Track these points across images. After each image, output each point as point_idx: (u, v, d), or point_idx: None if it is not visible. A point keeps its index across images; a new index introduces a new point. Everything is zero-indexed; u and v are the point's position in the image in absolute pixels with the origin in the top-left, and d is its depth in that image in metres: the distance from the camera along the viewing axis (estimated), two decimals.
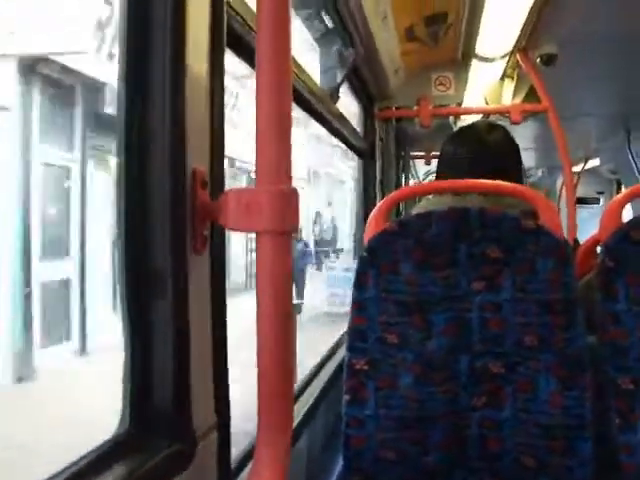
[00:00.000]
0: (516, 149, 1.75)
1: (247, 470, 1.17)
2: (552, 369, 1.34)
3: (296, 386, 1.87)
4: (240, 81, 10.26)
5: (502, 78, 3.17)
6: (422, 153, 5.21)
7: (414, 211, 1.70)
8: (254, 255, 0.75)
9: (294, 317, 0.79)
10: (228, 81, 0.97)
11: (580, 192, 5.95)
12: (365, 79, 2.64)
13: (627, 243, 1.38)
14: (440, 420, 1.38)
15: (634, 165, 4.99)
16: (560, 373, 1.34)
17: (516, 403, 1.35)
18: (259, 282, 0.74)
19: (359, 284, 1.42)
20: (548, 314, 1.35)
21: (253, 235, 0.75)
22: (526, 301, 1.37)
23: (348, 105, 2.78)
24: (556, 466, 1.32)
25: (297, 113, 1.77)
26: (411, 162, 5.62)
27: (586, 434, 1.32)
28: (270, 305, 0.74)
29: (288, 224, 0.74)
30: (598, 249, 1.76)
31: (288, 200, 0.74)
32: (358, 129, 2.80)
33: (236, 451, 1.15)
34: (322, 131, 2.38)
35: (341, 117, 2.22)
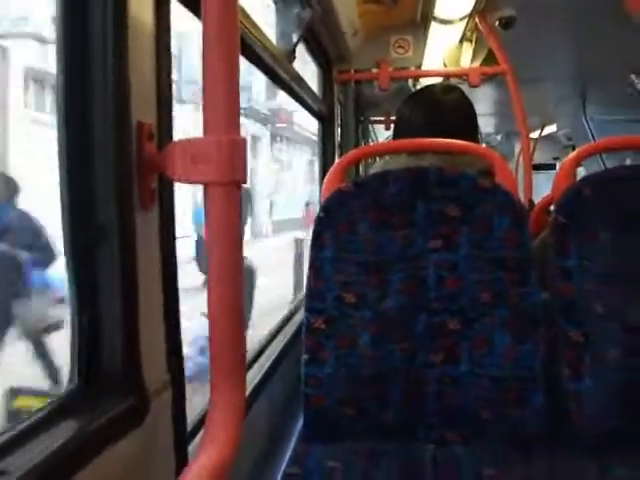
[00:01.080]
0: (472, 111, 1.76)
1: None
2: (507, 324, 1.37)
3: (254, 347, 1.87)
4: None
5: (461, 41, 3.16)
6: (382, 118, 5.20)
7: (371, 171, 1.70)
8: None
9: (243, 268, 0.77)
10: None
11: (537, 158, 6.04)
12: (322, 41, 2.60)
13: (579, 200, 1.40)
14: (399, 377, 1.40)
15: (588, 131, 5.08)
16: (514, 328, 1.37)
17: (472, 358, 1.38)
18: (208, 234, 0.72)
19: (316, 244, 1.41)
20: (503, 271, 1.38)
21: None
22: (482, 259, 1.38)
23: (305, 69, 2.74)
24: (510, 417, 1.36)
25: None
26: (371, 127, 5.61)
27: (537, 385, 1.35)
28: (220, 257, 0.72)
29: (237, 174, 0.72)
30: (552, 208, 1.80)
31: (237, 150, 0.72)
32: (317, 92, 2.76)
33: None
34: None
35: (299, 79, 2.19)
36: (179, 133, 0.86)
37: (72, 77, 0.76)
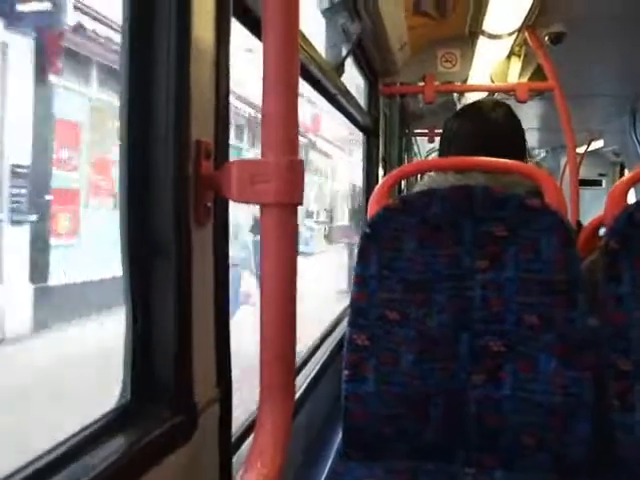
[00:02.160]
0: (520, 127, 1.74)
1: (248, 442, 1.17)
2: (552, 349, 1.34)
3: (298, 359, 1.88)
4: None
5: (509, 56, 3.12)
6: (425, 130, 5.17)
7: (416, 188, 1.69)
8: None
9: (297, 291, 0.77)
10: None
11: (582, 173, 5.92)
12: (370, 54, 2.61)
13: (632, 225, 1.37)
14: (440, 397, 1.38)
15: (638, 148, 4.96)
16: (560, 353, 1.34)
17: (515, 382, 1.35)
18: (263, 256, 0.73)
19: (361, 260, 1.41)
20: (550, 294, 1.35)
21: None
22: (529, 280, 1.36)
23: (350, 80, 2.74)
24: (554, 444, 1.33)
25: None
26: (414, 139, 5.59)
27: (585, 413, 1.32)
28: (274, 279, 0.73)
29: (294, 196, 0.72)
30: (601, 231, 1.76)
31: (294, 171, 0.72)
32: (362, 105, 2.77)
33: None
34: None
35: (346, 92, 2.19)
36: None
37: (135, 94, 0.78)
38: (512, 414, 1.35)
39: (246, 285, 7.52)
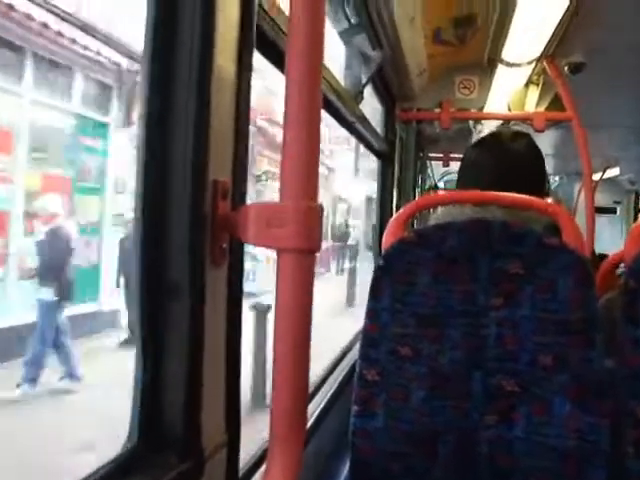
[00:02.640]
0: (541, 159, 1.72)
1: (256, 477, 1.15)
2: (567, 391, 1.31)
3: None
4: None
5: (527, 84, 3.12)
6: (440, 155, 5.16)
7: (432, 220, 1.67)
8: None
9: (310, 337, 0.75)
10: None
11: (597, 201, 5.88)
12: (389, 80, 2.60)
13: None
14: (450, 436, 1.35)
15: None
16: (576, 395, 1.30)
17: (529, 424, 1.32)
18: (278, 301, 0.71)
19: (374, 292, 1.39)
20: (566, 334, 1.32)
21: None
22: (544, 320, 1.33)
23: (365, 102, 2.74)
24: None
25: None
26: (428, 163, 5.58)
27: (600, 461, 1.28)
28: (288, 325, 0.71)
29: (312, 242, 0.71)
30: (621, 267, 1.73)
31: (313, 217, 0.71)
32: (378, 130, 2.76)
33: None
34: None
35: (363, 119, 2.19)
36: None
37: (154, 132, 0.77)
38: (524, 457, 1.32)
39: None
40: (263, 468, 0.76)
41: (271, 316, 0.73)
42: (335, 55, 2.23)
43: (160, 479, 0.70)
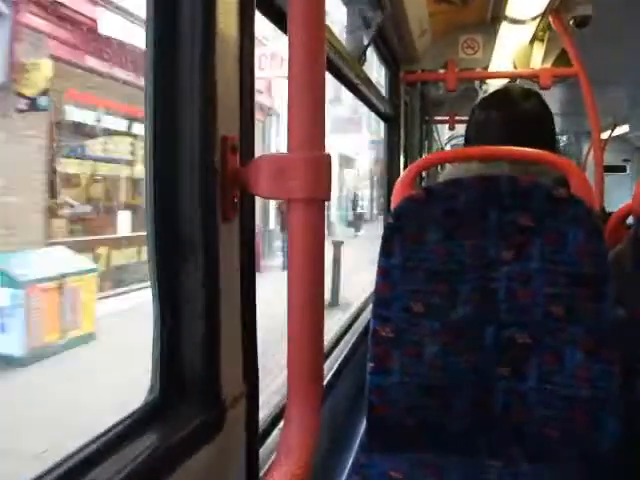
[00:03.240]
0: (551, 117, 1.70)
1: (273, 436, 1.17)
2: (579, 341, 1.32)
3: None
4: None
5: (532, 41, 3.07)
6: (445, 117, 5.12)
7: (441, 178, 1.67)
8: None
9: (324, 281, 0.77)
10: None
11: (606, 159, 5.82)
12: (391, 41, 2.58)
13: None
14: (464, 389, 1.37)
15: None
16: (587, 345, 1.32)
17: (541, 374, 1.34)
18: (291, 251, 0.72)
19: (385, 251, 1.40)
20: (577, 285, 1.33)
21: None
22: (555, 272, 1.34)
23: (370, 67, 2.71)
24: (580, 439, 1.32)
25: None
26: (434, 126, 5.54)
27: (612, 408, 1.30)
28: (302, 274, 0.72)
29: (322, 191, 0.71)
30: (629, 219, 1.72)
31: (322, 166, 0.71)
32: (383, 93, 2.74)
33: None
34: None
35: (368, 81, 2.17)
36: None
37: (161, 91, 0.77)
38: (538, 407, 1.34)
39: None
40: (282, 424, 0.78)
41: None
42: (337, 19, 2.21)
43: (183, 429, 0.72)
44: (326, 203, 0.75)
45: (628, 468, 1.30)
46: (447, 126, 5.27)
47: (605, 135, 5.77)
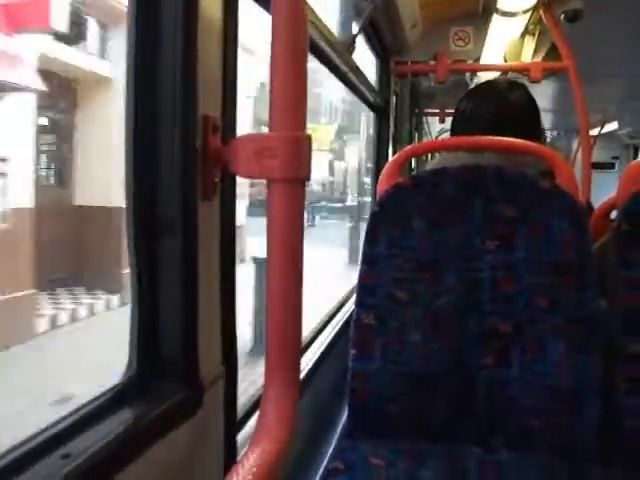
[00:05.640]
0: (537, 110, 1.70)
1: (253, 419, 1.17)
2: (561, 331, 1.33)
3: (304, 337, 1.88)
4: None
5: (523, 35, 3.07)
6: (436, 110, 5.12)
7: (428, 167, 1.67)
8: None
9: (303, 263, 0.77)
10: None
11: (595, 156, 5.85)
12: (382, 32, 2.57)
13: None
14: (447, 377, 1.38)
15: None
16: (569, 335, 1.33)
17: (524, 363, 1.35)
18: (270, 230, 0.72)
19: (370, 239, 1.40)
20: (560, 276, 1.34)
21: None
22: (539, 262, 1.35)
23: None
24: (561, 427, 1.33)
25: None
26: (424, 119, 5.54)
27: (592, 397, 1.31)
28: (281, 254, 0.72)
29: (302, 171, 0.71)
30: (613, 214, 1.73)
31: (302, 146, 0.71)
32: (373, 83, 2.74)
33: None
34: None
35: (357, 70, 2.16)
36: None
37: (142, 70, 0.77)
38: (520, 396, 1.35)
39: None
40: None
41: None
42: (326, 7, 2.20)
43: (160, 405, 0.72)
44: None
45: (608, 457, 1.32)
46: (437, 119, 5.26)
47: (594, 132, 5.80)
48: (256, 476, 0.65)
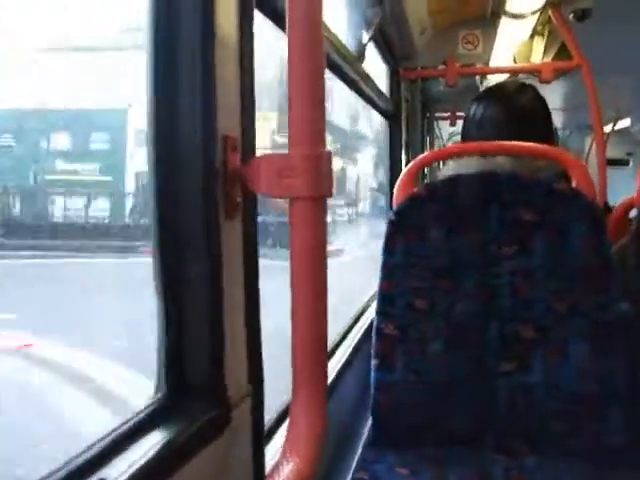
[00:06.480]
0: (547, 111, 1.70)
1: (278, 434, 1.18)
2: (583, 335, 1.32)
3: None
4: None
5: (532, 36, 3.07)
6: (446, 114, 5.11)
7: (441, 173, 1.67)
8: None
9: (327, 281, 0.77)
10: None
11: (608, 153, 5.78)
12: (391, 40, 2.58)
13: None
14: (469, 384, 1.37)
15: None
16: (591, 339, 1.32)
17: (546, 369, 1.34)
18: (293, 249, 0.73)
19: (388, 249, 1.41)
20: (580, 279, 1.33)
21: None
22: (558, 266, 1.34)
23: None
24: (586, 432, 1.32)
25: None
26: (435, 123, 5.53)
27: (618, 401, 1.30)
28: (305, 273, 0.73)
29: (323, 188, 0.72)
30: (632, 213, 1.72)
31: (323, 163, 0.72)
32: (383, 90, 2.74)
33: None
34: None
35: (367, 78, 2.17)
36: None
37: (162, 90, 0.78)
38: (542, 401, 1.34)
39: None
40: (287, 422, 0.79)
41: None
42: (336, 17, 2.21)
43: (190, 426, 0.72)
44: None
45: (634, 462, 1.30)
46: (448, 123, 5.26)
47: (607, 129, 5.75)
48: None
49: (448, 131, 5.93)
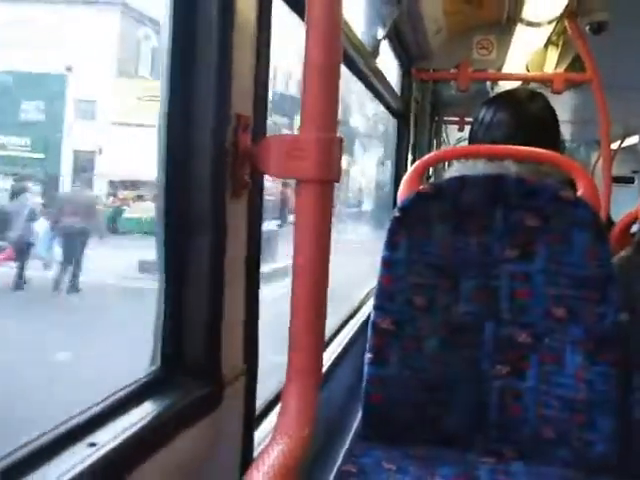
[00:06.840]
0: (556, 120, 1.70)
1: (270, 417, 1.18)
2: (579, 343, 1.32)
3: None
4: None
5: (546, 45, 3.06)
6: (455, 118, 5.11)
7: (447, 174, 1.67)
8: None
9: (329, 265, 0.77)
10: None
11: (614, 170, 5.78)
12: (405, 38, 2.58)
13: None
14: (462, 385, 1.38)
15: None
16: (588, 347, 1.32)
17: (539, 374, 1.34)
18: (298, 231, 0.73)
19: (390, 244, 1.40)
20: (580, 288, 1.33)
21: None
22: (558, 273, 1.34)
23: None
24: (576, 439, 1.32)
25: None
26: (443, 127, 5.52)
27: (610, 410, 1.30)
28: (308, 254, 0.73)
29: (332, 173, 0.72)
30: (633, 228, 1.72)
31: (333, 148, 0.72)
32: (395, 89, 2.74)
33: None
34: None
35: (380, 75, 2.17)
36: None
37: (177, 68, 0.78)
38: (534, 406, 1.34)
39: None
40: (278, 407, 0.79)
41: None
42: (352, 10, 2.20)
43: (182, 400, 0.73)
44: None
45: (623, 471, 1.31)
46: (456, 128, 5.25)
47: (614, 145, 5.74)
48: (277, 471, 0.66)
49: (456, 136, 5.93)
